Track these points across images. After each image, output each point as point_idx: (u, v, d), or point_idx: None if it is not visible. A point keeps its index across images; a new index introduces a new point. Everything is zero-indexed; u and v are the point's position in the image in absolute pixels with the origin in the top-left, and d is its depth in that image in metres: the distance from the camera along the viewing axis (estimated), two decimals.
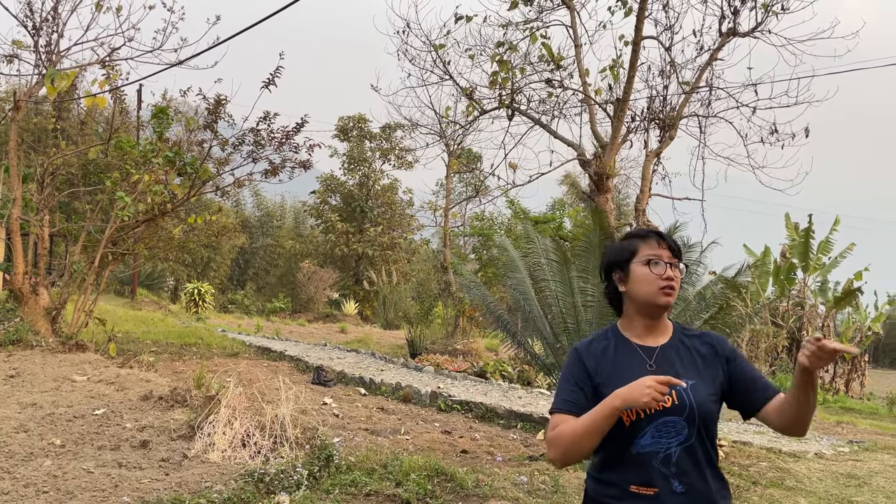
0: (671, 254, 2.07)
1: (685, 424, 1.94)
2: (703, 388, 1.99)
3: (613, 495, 1.98)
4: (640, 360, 2.03)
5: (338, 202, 32.58)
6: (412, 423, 8.04)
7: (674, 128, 11.53)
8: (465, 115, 12.74)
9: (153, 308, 21.76)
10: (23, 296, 10.10)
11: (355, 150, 31.48)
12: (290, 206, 38.02)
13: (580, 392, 2.01)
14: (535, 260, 6.73)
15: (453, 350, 14.24)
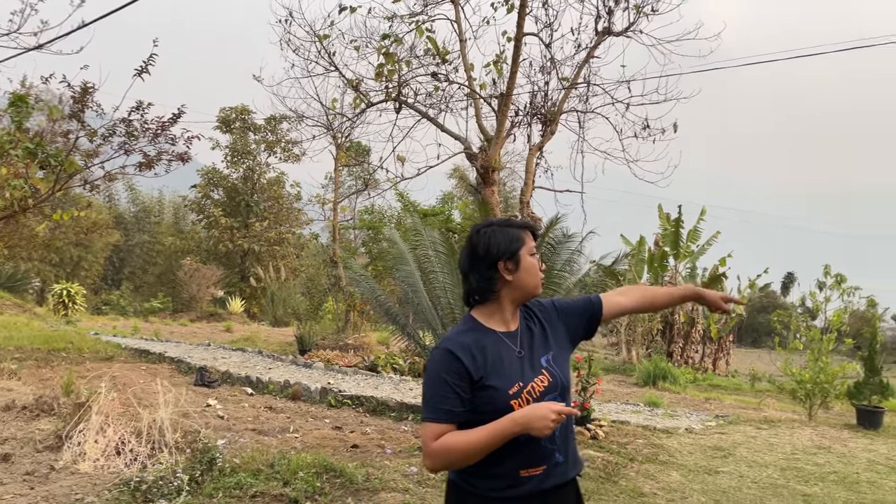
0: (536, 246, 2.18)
1: (561, 398, 2.01)
2: (559, 356, 2.10)
3: (504, 486, 1.96)
4: (508, 347, 2.04)
5: (221, 196, 31.34)
6: (302, 420, 7.89)
7: (555, 122, 11.94)
8: (353, 107, 12.62)
9: (16, 311, 20.06)
10: None
11: (239, 142, 30.38)
12: (170, 201, 36.20)
13: (457, 398, 1.94)
14: (423, 252, 6.77)
15: (344, 345, 14.09)
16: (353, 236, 28.03)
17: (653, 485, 5.74)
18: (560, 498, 2.03)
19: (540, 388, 1.99)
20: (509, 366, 2.00)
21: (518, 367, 2.01)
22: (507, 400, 1.94)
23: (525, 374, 2.00)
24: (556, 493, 2.01)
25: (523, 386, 1.97)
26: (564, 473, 2.02)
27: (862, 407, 9.21)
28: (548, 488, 1.98)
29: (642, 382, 14.43)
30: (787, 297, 48.40)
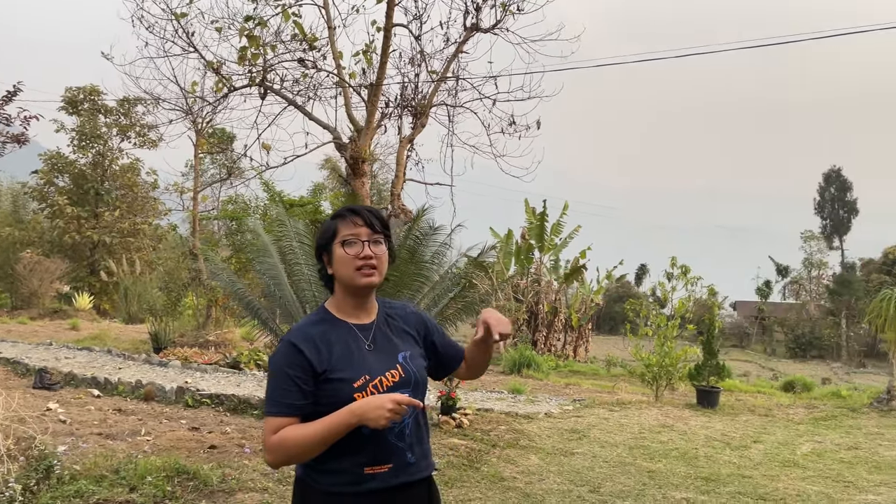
0: (371, 230, 2.01)
1: (413, 394, 1.97)
2: (417, 357, 2.06)
3: (347, 482, 1.92)
4: (359, 340, 2.01)
5: (67, 183, 28.85)
6: (155, 422, 7.45)
7: (425, 115, 12.01)
8: (214, 91, 12.04)
9: None
10: None
11: (87, 125, 28.09)
12: (7, 188, 32.90)
13: (299, 392, 1.91)
14: (288, 244, 6.57)
15: (205, 342, 13.46)
16: (217, 227, 26.82)
17: (513, 469, 5.93)
18: (409, 497, 1.99)
19: (389, 383, 1.95)
20: (357, 358, 1.96)
21: (367, 360, 1.98)
22: (351, 392, 1.90)
23: (373, 368, 1.96)
24: (404, 492, 1.97)
25: (370, 379, 1.94)
26: (415, 472, 1.98)
27: (701, 387, 10.02)
28: (395, 486, 1.94)
29: (508, 370, 14.90)
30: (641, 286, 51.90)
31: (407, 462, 1.96)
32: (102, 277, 25.56)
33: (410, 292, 6.83)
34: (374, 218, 2.04)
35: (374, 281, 2.00)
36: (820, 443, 7.75)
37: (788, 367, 35.73)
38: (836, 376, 32.09)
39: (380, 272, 2.01)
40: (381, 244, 2.03)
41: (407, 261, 6.70)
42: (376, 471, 1.92)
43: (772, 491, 5.68)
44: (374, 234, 2.02)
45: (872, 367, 36.64)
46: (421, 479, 2.02)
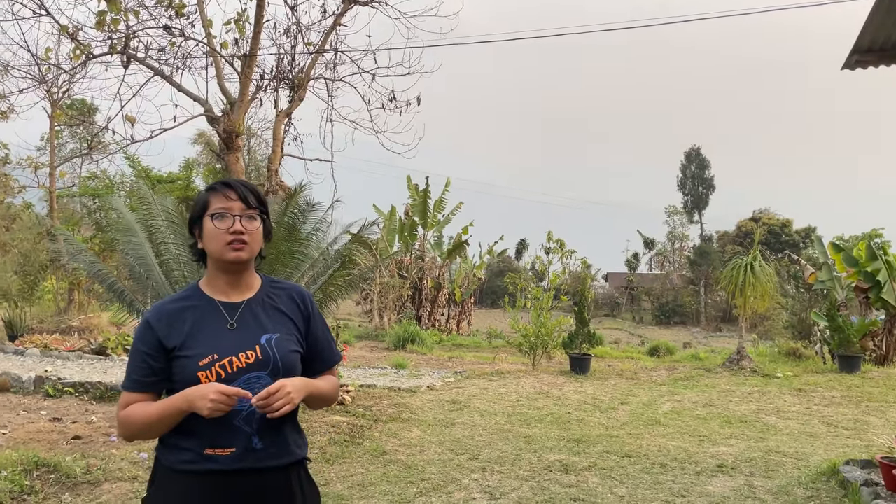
0: (244, 205, 1.96)
1: (270, 378, 1.91)
2: (286, 341, 1.99)
3: (187, 460, 1.89)
4: (220, 318, 1.96)
5: None
6: (11, 414, 6.93)
7: (302, 89, 11.71)
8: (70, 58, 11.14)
9: None
10: None
11: None
12: None
13: (149, 368, 1.90)
14: (154, 223, 6.23)
15: (67, 328, 12.61)
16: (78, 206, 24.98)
17: (395, 442, 6.00)
18: (258, 485, 1.94)
19: (240, 364, 1.90)
20: (210, 337, 1.91)
21: (221, 338, 1.92)
22: (195, 371, 1.87)
23: (225, 347, 1.91)
24: (250, 478, 1.92)
25: (217, 359, 1.89)
26: (263, 459, 1.92)
27: (574, 355, 10.55)
28: (238, 470, 1.89)
29: (393, 346, 15.00)
30: (521, 261, 53.58)
31: (252, 447, 1.90)
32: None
33: (288, 270, 6.70)
34: (248, 192, 1.98)
35: (243, 256, 1.94)
36: (679, 402, 8.38)
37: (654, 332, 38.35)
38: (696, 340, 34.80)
39: (251, 248, 1.96)
40: (255, 220, 1.97)
41: (284, 238, 6.56)
42: (217, 453, 1.88)
43: (636, 448, 6.10)
44: (248, 210, 1.96)
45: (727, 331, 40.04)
46: (273, 466, 1.95)
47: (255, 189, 2.02)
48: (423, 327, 20.16)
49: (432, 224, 24.09)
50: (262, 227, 2.00)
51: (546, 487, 4.92)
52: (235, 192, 1.97)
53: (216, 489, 1.89)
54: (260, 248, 2.01)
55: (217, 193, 1.97)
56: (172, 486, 1.91)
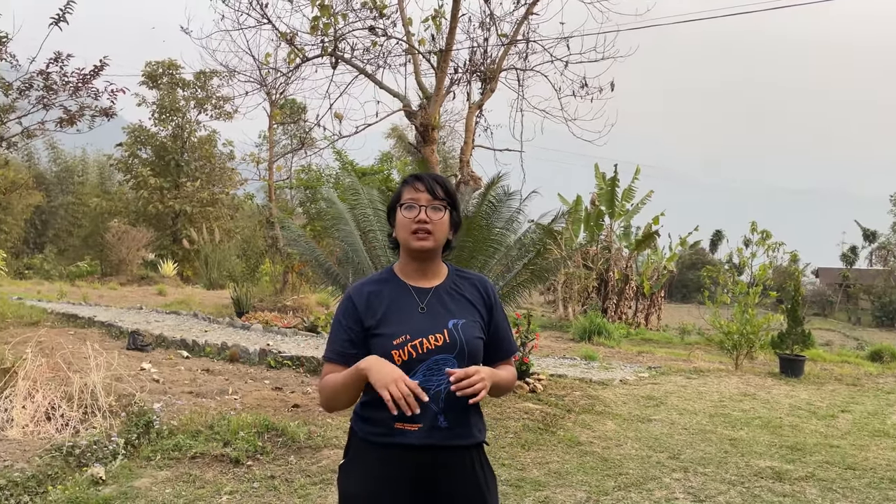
0: (431, 196, 2.07)
1: (455, 362, 2.01)
2: (471, 326, 2.08)
3: (379, 433, 2.01)
4: (412, 301, 2.08)
5: (149, 155, 30.08)
6: (241, 382, 7.79)
7: (494, 80, 11.88)
8: (287, 62, 12.23)
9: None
10: None
11: (166, 98, 29.10)
12: (94, 160, 34.56)
13: (349, 341, 2.05)
14: (362, 211, 6.68)
15: (283, 307, 13.92)
16: (290, 196, 27.47)
17: (589, 434, 5.93)
18: (444, 462, 2.03)
19: (429, 346, 2.01)
20: (404, 318, 2.04)
21: (414, 320, 2.05)
22: (389, 349, 2.00)
23: (417, 329, 2.03)
24: (435, 455, 2.01)
25: (410, 339, 2.01)
26: (448, 438, 2.01)
27: (785, 356, 9.71)
28: (425, 446, 1.99)
29: (578, 338, 14.81)
30: (716, 253, 50.30)
31: (438, 426, 1.99)
32: (185, 245, 26.69)
33: (484, 258, 6.84)
34: (436, 184, 2.09)
35: (427, 245, 2.05)
36: None
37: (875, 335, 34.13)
38: None
39: (435, 238, 2.06)
40: (441, 211, 2.08)
41: (481, 228, 6.71)
42: (406, 427, 1.98)
43: (861, 460, 5.50)
44: (434, 201, 2.07)
45: None
46: (457, 445, 2.04)
47: (445, 182, 2.14)
48: (609, 320, 19.66)
49: (620, 213, 23.35)
50: (449, 218, 2.11)
51: (757, 495, 4.59)
52: (423, 184, 2.09)
53: (405, 462, 2.00)
54: (446, 238, 2.11)
55: (408, 185, 2.11)
56: (366, 456, 2.05)
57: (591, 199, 23.70)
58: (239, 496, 4.14)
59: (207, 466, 4.55)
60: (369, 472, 2.03)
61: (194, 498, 4.06)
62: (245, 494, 4.17)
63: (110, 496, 3.97)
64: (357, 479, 2.07)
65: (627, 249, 24.08)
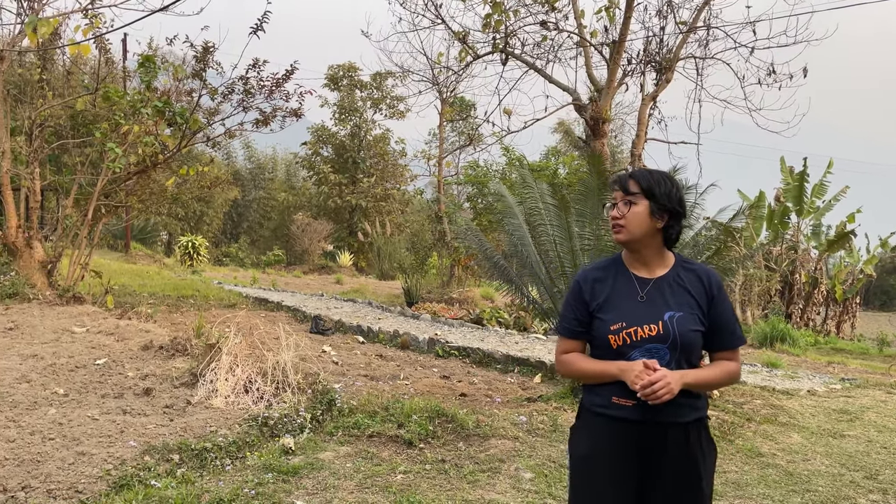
0: (623, 193, 2.24)
1: (667, 351, 2.15)
2: (687, 319, 2.18)
3: (600, 404, 2.24)
4: (633, 290, 2.24)
5: (330, 153, 32.23)
6: (411, 368, 8.13)
7: (670, 70, 11.39)
8: (459, 60, 12.54)
9: (147, 262, 21.71)
10: (17, 250, 10.05)
11: (346, 99, 30.99)
12: (282, 158, 37.65)
13: (575, 319, 2.32)
14: (532, 205, 6.69)
15: (449, 299, 14.31)
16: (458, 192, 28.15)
17: (771, 445, 5.52)
18: (657, 437, 2.17)
19: (643, 334, 2.16)
20: (622, 305, 2.21)
21: (632, 309, 2.20)
22: (607, 333, 2.21)
23: (634, 317, 2.18)
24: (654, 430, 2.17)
25: (625, 326, 2.18)
26: (661, 416, 2.15)
27: None
28: (638, 421, 2.16)
29: (758, 343, 13.81)
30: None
31: (647, 405, 2.12)
32: (359, 238, 28.31)
33: None
34: (628, 180, 2.26)
35: (621, 238, 2.25)
36: None
37: None
38: None
39: (627, 231, 2.22)
40: (633, 205, 2.22)
41: None
42: (621, 402, 2.18)
43: None
44: (626, 196, 2.24)
45: None
46: (672, 422, 2.17)
47: (641, 175, 2.27)
48: (793, 326, 18.14)
49: (809, 211, 21.41)
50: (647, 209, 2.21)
51: None
52: (618, 183, 2.29)
53: (622, 434, 2.20)
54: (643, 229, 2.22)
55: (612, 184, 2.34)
56: (590, 423, 2.31)
57: (776, 195, 21.94)
58: (412, 476, 4.34)
59: (383, 445, 4.81)
60: (593, 438, 2.27)
61: (372, 474, 4.31)
62: (418, 475, 4.36)
63: (298, 465, 4.32)
64: (584, 442, 2.31)
65: (817, 250, 22.03)
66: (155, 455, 4.32)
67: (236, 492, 3.87)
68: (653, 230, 2.23)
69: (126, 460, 4.22)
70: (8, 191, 10.00)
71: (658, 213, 2.21)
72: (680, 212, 2.26)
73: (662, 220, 2.23)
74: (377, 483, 4.18)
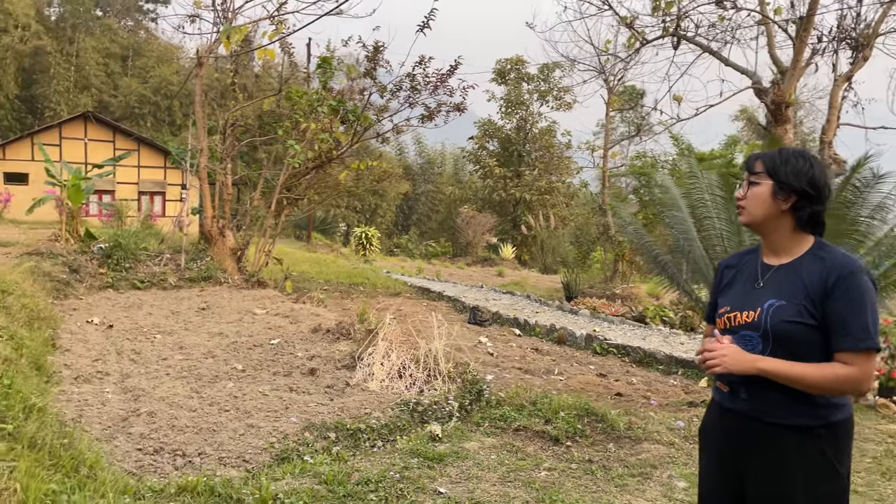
0: (748, 173, 2.12)
1: (760, 340, 2.03)
2: (785, 309, 2.00)
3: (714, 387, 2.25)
4: (754, 276, 2.15)
5: (495, 147, 32.55)
6: (566, 364, 7.99)
7: (868, 47, 10.21)
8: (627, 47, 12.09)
9: (326, 251, 23.26)
10: (212, 238, 11.18)
11: (513, 93, 31.08)
12: (450, 153, 38.64)
13: (712, 306, 2.32)
14: (697, 197, 6.29)
15: (612, 294, 13.89)
16: (624, 184, 27.25)
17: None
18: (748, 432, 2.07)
19: (739, 321, 2.09)
20: (737, 291, 2.16)
21: (744, 294, 2.13)
22: (717, 317, 2.19)
23: (738, 303, 2.12)
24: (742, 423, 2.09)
25: (728, 311, 2.13)
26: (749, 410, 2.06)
27: None
28: (731, 410, 2.12)
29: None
30: None
31: (739, 396, 2.08)
32: (523, 231, 28.33)
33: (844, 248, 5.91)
34: (753, 160, 2.13)
35: (743, 220, 2.15)
36: None
37: None
38: None
39: (748, 212, 2.11)
40: (755, 185, 2.09)
41: (839, 216, 5.82)
42: (720, 387, 2.16)
43: None
44: (751, 176, 2.12)
45: None
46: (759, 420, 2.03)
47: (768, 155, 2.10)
48: None
49: None
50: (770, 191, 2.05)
51: None
52: (746, 164, 2.16)
53: (722, 421, 2.17)
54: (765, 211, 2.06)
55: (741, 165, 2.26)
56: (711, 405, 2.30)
57: None
58: (557, 474, 4.25)
59: (529, 440, 4.76)
60: (708, 415, 2.30)
61: (515, 468, 4.28)
62: (562, 473, 4.26)
63: (444, 453, 4.39)
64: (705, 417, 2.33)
65: None
66: (314, 432, 4.60)
67: (383, 473, 4.01)
68: (776, 212, 2.06)
69: (288, 435, 4.53)
70: (205, 185, 11.15)
71: (782, 193, 2.04)
72: (811, 193, 2.02)
73: (788, 201, 2.04)
74: (520, 477, 4.15)
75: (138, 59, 41.24)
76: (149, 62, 39.90)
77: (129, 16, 45.11)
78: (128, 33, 43.44)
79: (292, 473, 3.96)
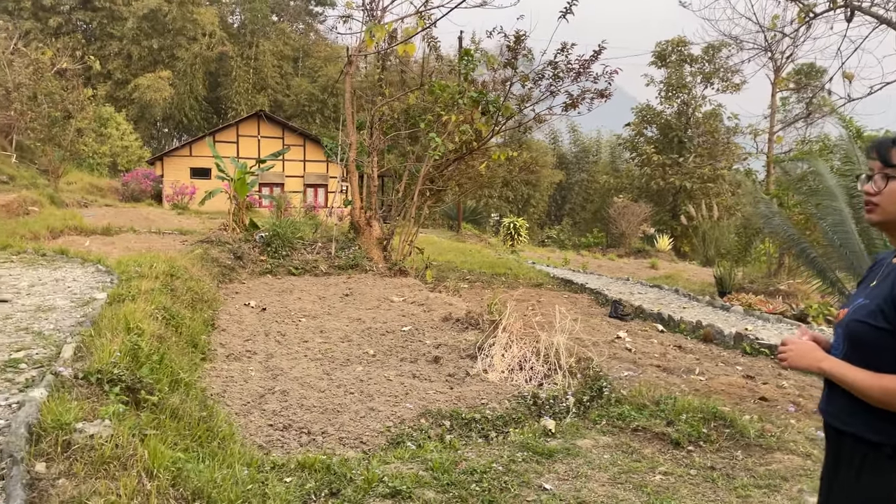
0: (882, 164, 1.85)
1: (841, 341, 1.93)
2: (863, 310, 1.85)
3: None
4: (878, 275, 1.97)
5: (654, 133, 31.19)
6: (710, 363, 7.52)
7: None
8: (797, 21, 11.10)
9: (474, 241, 23.58)
10: (360, 228, 11.75)
11: (674, 76, 29.57)
12: (606, 141, 37.58)
13: None
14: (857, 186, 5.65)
15: (775, 290, 12.83)
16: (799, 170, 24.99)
17: None
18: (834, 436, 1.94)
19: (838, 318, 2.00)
20: (861, 287, 2.03)
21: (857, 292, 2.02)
22: None
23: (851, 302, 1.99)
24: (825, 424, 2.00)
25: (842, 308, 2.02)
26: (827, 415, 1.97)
27: None
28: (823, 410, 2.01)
29: None
30: None
31: (826, 398, 1.98)
32: (682, 221, 26.93)
33: None
34: (889, 149, 1.85)
35: (872, 218, 1.92)
36: None
37: None
38: None
39: (881, 210, 1.86)
40: (894, 179, 1.83)
41: None
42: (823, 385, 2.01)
43: None
44: (885, 168, 1.85)
45: None
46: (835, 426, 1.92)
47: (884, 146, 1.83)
48: None
49: None
50: None
51: None
52: (876, 150, 1.88)
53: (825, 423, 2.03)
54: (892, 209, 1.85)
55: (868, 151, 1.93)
56: None
57: None
58: (673, 479, 4.04)
59: (647, 442, 4.56)
60: None
61: (628, 469, 4.12)
62: (679, 479, 4.05)
63: (555, 449, 4.33)
64: None
65: None
66: (430, 419, 4.72)
67: (489, 465, 4.03)
68: None
69: (405, 420, 4.68)
70: (354, 177, 11.73)
71: None
72: None
73: None
74: (632, 480, 3.99)
75: (308, 59, 44.14)
76: (317, 62, 42.57)
77: (299, 19, 48.33)
78: (299, 36, 46.57)
79: (402, 458, 4.09)
